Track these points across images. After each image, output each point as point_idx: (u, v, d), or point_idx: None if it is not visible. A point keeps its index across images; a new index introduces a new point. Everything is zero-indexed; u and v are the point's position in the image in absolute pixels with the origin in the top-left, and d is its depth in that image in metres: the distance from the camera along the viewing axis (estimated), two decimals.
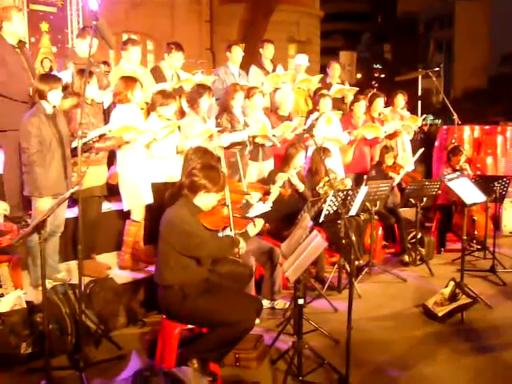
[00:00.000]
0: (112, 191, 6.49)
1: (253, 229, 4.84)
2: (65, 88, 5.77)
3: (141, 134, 5.99)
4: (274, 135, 7.29)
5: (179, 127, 6.56)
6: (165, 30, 21.67)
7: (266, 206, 5.95)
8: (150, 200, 6.30)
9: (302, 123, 7.60)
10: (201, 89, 6.83)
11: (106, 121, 6.35)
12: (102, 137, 5.67)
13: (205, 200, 4.57)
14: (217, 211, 4.89)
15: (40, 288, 5.40)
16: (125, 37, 20.67)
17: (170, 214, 4.54)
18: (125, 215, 6.49)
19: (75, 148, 5.46)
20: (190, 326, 4.60)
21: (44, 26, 13.32)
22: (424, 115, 10.18)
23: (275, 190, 6.47)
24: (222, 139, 6.65)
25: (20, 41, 6.43)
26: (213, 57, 23.86)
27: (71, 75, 6.23)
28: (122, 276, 6.13)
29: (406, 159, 9.37)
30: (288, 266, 4.40)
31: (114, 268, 6.38)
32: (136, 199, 6.25)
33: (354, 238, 4.57)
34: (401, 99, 9.65)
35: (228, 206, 5.02)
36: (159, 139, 6.23)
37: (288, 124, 7.37)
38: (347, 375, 4.26)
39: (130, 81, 6.20)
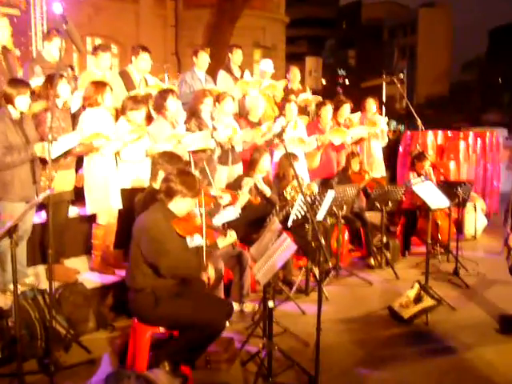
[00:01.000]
0: (78, 196, 6.46)
1: (222, 241, 4.89)
2: (33, 93, 5.72)
3: (111, 141, 6.00)
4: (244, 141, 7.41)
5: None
6: (129, 34, 21.51)
7: (235, 213, 6.02)
8: (118, 205, 6.30)
9: (271, 128, 7.66)
10: (163, 92, 6.88)
11: (74, 125, 6.33)
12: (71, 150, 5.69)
13: (180, 205, 4.60)
14: (190, 218, 4.91)
15: (8, 293, 5.42)
16: (89, 40, 20.61)
17: (144, 218, 4.56)
18: (92, 219, 6.47)
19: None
20: (161, 329, 4.63)
21: None
22: (385, 117, 10.25)
23: (244, 197, 6.51)
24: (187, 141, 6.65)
25: (4, 47, 6.39)
26: (178, 62, 23.75)
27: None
28: (90, 281, 6.11)
29: (377, 165, 9.53)
30: (258, 269, 4.46)
31: (83, 272, 6.35)
32: (102, 203, 6.23)
33: (322, 240, 4.63)
34: (372, 104, 9.75)
35: (202, 214, 5.04)
36: (126, 143, 6.21)
37: (258, 129, 7.44)
38: (317, 376, 4.32)
39: (100, 85, 6.21)
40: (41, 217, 6.40)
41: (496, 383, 4.74)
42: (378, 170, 9.53)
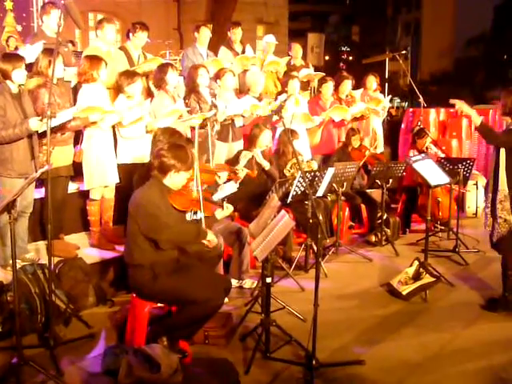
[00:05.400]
0: (78, 172, 6.46)
1: (220, 213, 4.87)
2: (28, 66, 5.68)
3: (106, 114, 5.97)
4: (242, 116, 7.36)
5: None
6: (132, 10, 21.36)
7: (234, 187, 6.00)
8: (115, 180, 6.31)
9: (270, 104, 7.62)
10: (163, 66, 6.88)
11: (75, 99, 6.30)
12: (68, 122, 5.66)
13: (175, 180, 4.58)
14: (187, 192, 4.91)
15: (8, 268, 5.43)
16: (91, 16, 20.49)
17: (139, 194, 4.54)
18: None
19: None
20: (159, 305, 4.66)
21: (8, 4, 13.12)
22: (389, 96, 10.22)
23: (241, 172, 6.47)
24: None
25: None
26: (180, 37, 23.60)
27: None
28: (90, 256, 6.14)
29: (377, 141, 9.52)
30: (256, 245, 4.46)
31: (83, 248, 6.38)
32: (99, 179, 6.23)
33: (321, 217, 4.63)
34: (372, 81, 9.71)
35: (198, 190, 5.03)
36: (127, 125, 6.18)
37: (256, 105, 7.40)
38: (314, 352, 4.34)
39: (95, 60, 6.16)
40: (40, 192, 6.40)
41: (493, 360, 4.74)
42: (378, 146, 9.52)
